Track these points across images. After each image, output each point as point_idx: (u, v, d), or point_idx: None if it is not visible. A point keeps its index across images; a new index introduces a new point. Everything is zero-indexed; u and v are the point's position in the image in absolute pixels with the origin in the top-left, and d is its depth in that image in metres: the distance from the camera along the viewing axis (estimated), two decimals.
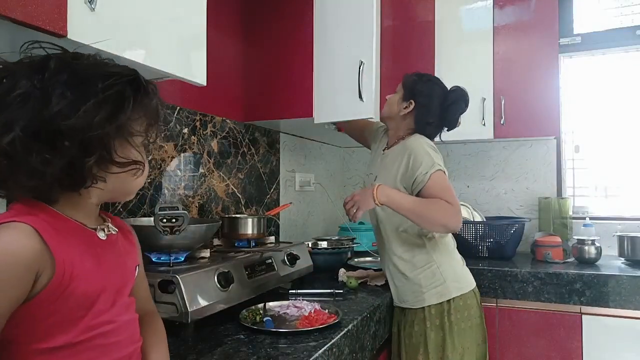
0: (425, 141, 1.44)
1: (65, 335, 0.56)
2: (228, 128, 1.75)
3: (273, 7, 1.77)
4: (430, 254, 1.43)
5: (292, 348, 0.97)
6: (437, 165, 1.36)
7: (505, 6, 2.28)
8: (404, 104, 1.47)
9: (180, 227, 1.03)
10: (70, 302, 0.56)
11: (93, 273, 0.59)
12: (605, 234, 2.18)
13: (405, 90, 1.48)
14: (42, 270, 0.54)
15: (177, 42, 1.04)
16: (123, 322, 0.65)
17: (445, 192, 1.34)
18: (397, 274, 1.46)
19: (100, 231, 0.64)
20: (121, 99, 0.58)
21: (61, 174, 0.55)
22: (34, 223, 0.54)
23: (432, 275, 1.41)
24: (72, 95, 0.54)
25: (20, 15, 0.69)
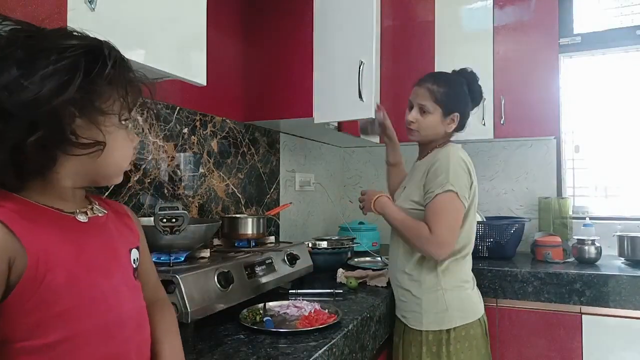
0: (457, 155, 1.32)
1: (58, 329, 0.53)
2: (228, 128, 1.75)
3: (273, 7, 1.77)
4: (439, 277, 1.33)
5: (292, 348, 0.97)
6: (449, 185, 1.25)
7: (505, 6, 2.28)
8: (447, 121, 1.38)
9: (180, 227, 1.03)
10: (54, 291, 0.53)
11: (74, 260, 0.56)
12: (605, 233, 2.17)
13: (443, 106, 1.36)
14: (14, 259, 0.51)
15: (177, 42, 1.04)
16: (127, 310, 0.61)
17: (437, 218, 1.25)
18: (401, 289, 1.40)
19: (80, 214, 0.60)
20: (72, 71, 0.52)
21: (14, 156, 0.51)
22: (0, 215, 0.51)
23: (435, 300, 1.32)
24: (19, 71, 0.50)
25: (20, 15, 0.69)
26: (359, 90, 1.55)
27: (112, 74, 0.56)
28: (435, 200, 1.26)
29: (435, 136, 1.40)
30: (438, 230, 1.24)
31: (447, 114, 1.37)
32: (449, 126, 1.38)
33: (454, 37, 2.34)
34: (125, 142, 0.61)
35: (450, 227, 1.26)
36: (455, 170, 1.27)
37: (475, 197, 1.34)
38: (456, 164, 1.29)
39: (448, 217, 1.25)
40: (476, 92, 1.41)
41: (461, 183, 1.27)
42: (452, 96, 1.36)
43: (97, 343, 0.57)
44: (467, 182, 1.29)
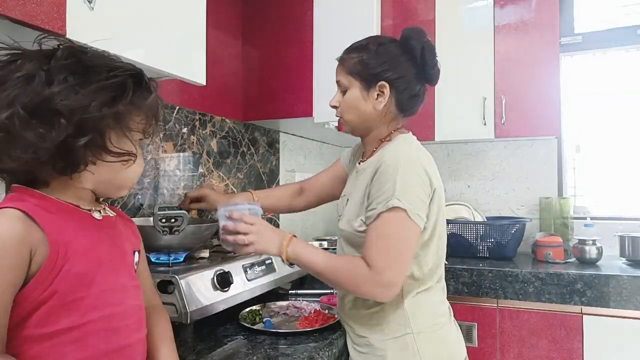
0: (408, 152, 0.99)
1: (69, 317, 0.57)
2: (227, 128, 1.75)
3: (273, 6, 1.77)
4: (407, 316, 0.98)
5: (292, 349, 0.97)
6: (394, 200, 0.91)
7: (506, 5, 2.28)
8: (373, 94, 1.02)
9: (179, 227, 1.03)
10: (69, 281, 0.57)
11: (89, 252, 0.60)
12: (606, 234, 2.17)
13: (359, 76, 1.03)
14: (36, 249, 0.55)
15: (176, 42, 1.03)
16: (130, 307, 0.65)
17: (378, 246, 0.92)
18: (355, 335, 1.03)
19: (95, 212, 0.65)
20: (121, 89, 0.60)
21: (55, 153, 0.56)
22: (22, 207, 0.56)
23: (404, 348, 0.97)
24: (74, 81, 0.57)
25: (19, 14, 0.68)
26: None
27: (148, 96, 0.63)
28: (376, 222, 0.93)
29: (364, 116, 1.05)
30: (379, 263, 0.91)
31: (370, 85, 1.02)
32: (377, 101, 1.02)
33: (454, 36, 2.33)
34: (140, 159, 0.67)
35: (395, 258, 0.92)
36: (404, 178, 0.93)
37: (440, 206, 1.01)
38: (406, 167, 0.94)
39: (392, 244, 0.92)
40: (418, 51, 1.01)
41: (412, 195, 0.93)
42: (371, 60, 1.02)
43: (102, 334, 0.60)
44: (422, 192, 0.95)
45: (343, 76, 1.06)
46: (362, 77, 1.03)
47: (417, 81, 1.04)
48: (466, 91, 2.27)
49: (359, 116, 1.06)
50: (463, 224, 2.21)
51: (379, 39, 1.07)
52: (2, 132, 0.55)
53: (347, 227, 1.02)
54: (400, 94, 1.03)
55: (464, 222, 2.23)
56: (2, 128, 0.55)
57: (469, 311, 1.95)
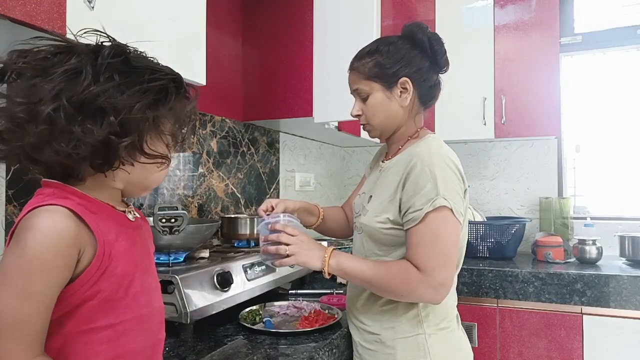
0: (442, 152, 0.97)
1: (107, 316, 0.58)
2: (227, 128, 1.75)
3: (273, 6, 1.77)
4: (420, 317, 0.97)
5: (292, 349, 0.97)
6: (440, 199, 0.90)
7: (506, 5, 2.28)
8: (396, 92, 1.01)
9: (179, 227, 1.02)
10: (112, 281, 0.58)
11: (128, 253, 0.61)
12: (606, 234, 2.17)
13: (379, 78, 1.02)
14: (84, 248, 0.56)
15: (176, 42, 1.03)
16: (156, 308, 0.66)
17: (429, 248, 0.90)
18: (365, 332, 1.02)
19: (128, 214, 0.66)
20: (164, 92, 0.61)
21: (96, 148, 0.57)
22: (70, 205, 0.56)
23: (415, 348, 0.96)
24: (120, 80, 0.58)
25: (19, 14, 0.69)
26: None
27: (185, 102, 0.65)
28: (424, 223, 0.90)
29: (393, 116, 1.03)
30: (432, 265, 0.89)
31: (391, 85, 1.01)
32: (402, 98, 1.02)
33: (454, 36, 2.33)
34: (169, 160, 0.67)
35: (446, 259, 0.91)
36: (445, 176, 0.92)
37: (467, 207, 1.01)
38: (444, 165, 0.94)
39: (444, 245, 0.90)
40: (426, 43, 1.02)
41: (454, 193, 0.92)
42: (386, 59, 1.01)
43: (132, 334, 0.61)
44: (460, 190, 0.95)
45: (361, 83, 1.04)
46: (382, 78, 1.02)
47: (432, 71, 1.04)
48: (466, 91, 2.27)
49: (387, 117, 1.04)
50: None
51: (387, 39, 1.06)
52: (46, 124, 0.55)
53: (372, 222, 0.99)
54: (421, 87, 1.03)
55: None
56: (47, 120, 0.54)
57: (469, 311, 1.95)
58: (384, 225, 0.97)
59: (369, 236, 1.02)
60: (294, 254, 0.94)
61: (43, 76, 0.55)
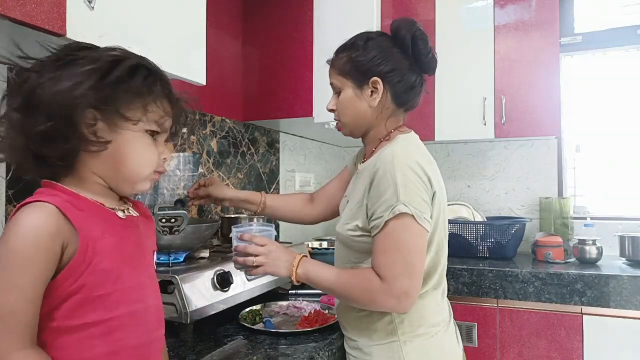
0: (406, 154, 0.93)
1: (96, 311, 0.59)
2: (227, 127, 1.74)
3: (273, 6, 1.77)
4: (395, 323, 0.94)
5: (292, 349, 0.97)
6: (400, 205, 0.87)
7: (506, 5, 2.28)
8: (367, 91, 0.98)
9: (179, 227, 1.02)
10: (97, 275, 0.59)
11: (115, 249, 0.62)
12: (606, 234, 2.17)
13: (350, 75, 0.99)
14: (67, 242, 0.57)
15: (176, 42, 1.03)
16: (151, 305, 0.67)
17: (390, 258, 0.88)
18: (349, 339, 1.02)
19: (119, 211, 0.66)
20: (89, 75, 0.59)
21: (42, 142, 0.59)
22: (55, 202, 0.58)
23: (389, 356, 0.94)
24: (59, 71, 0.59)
25: (19, 14, 0.68)
26: None
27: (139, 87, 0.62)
28: (385, 231, 0.88)
29: (361, 116, 1.01)
30: (390, 273, 0.87)
31: (362, 83, 0.98)
32: (371, 99, 0.99)
33: (454, 36, 2.33)
34: (145, 148, 0.65)
35: (407, 267, 0.87)
36: (405, 180, 0.88)
37: (441, 210, 0.96)
38: (406, 169, 0.89)
39: (406, 253, 0.88)
40: (413, 47, 0.97)
41: (416, 198, 0.88)
42: (359, 57, 0.98)
43: (127, 330, 0.62)
44: (424, 193, 0.90)
45: (335, 78, 1.02)
46: (353, 75, 0.99)
47: (412, 72, 0.99)
48: (466, 91, 2.27)
49: (355, 116, 1.01)
50: (463, 224, 2.21)
51: (367, 34, 1.02)
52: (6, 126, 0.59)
53: (342, 230, 0.99)
54: (395, 88, 0.98)
55: (464, 222, 2.23)
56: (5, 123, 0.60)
57: (469, 311, 1.95)
58: (354, 233, 0.96)
59: (343, 243, 1.01)
60: (261, 265, 0.94)
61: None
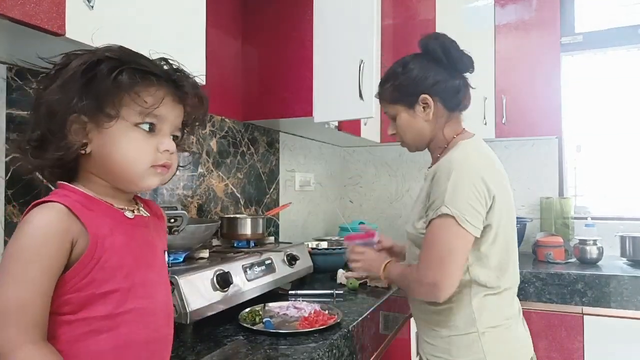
0: (464, 158, 1.01)
1: (104, 306, 0.60)
2: (227, 127, 1.74)
3: (273, 6, 1.76)
4: (474, 315, 1.01)
5: (292, 349, 0.97)
6: (444, 207, 0.95)
7: (507, 5, 2.27)
8: (419, 109, 1.09)
9: (179, 228, 1.02)
10: (106, 272, 0.60)
11: (124, 247, 0.63)
12: (607, 234, 2.17)
13: (400, 101, 1.11)
14: (77, 239, 0.59)
15: (176, 41, 1.03)
16: (160, 303, 0.67)
17: (426, 252, 0.98)
18: (429, 329, 1.09)
19: (127, 211, 0.68)
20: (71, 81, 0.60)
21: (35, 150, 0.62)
22: (65, 202, 0.60)
23: (468, 345, 1.01)
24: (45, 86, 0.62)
25: (18, 14, 0.68)
26: (359, 89, 1.54)
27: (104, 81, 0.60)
28: (428, 229, 0.99)
29: (420, 132, 1.12)
30: (423, 266, 0.98)
31: (412, 104, 1.09)
32: (425, 114, 1.09)
33: (455, 35, 2.29)
34: (132, 143, 0.63)
35: (440, 262, 0.96)
36: (455, 185, 0.95)
37: (504, 212, 1.02)
38: (458, 174, 0.96)
39: (439, 249, 0.96)
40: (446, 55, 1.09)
41: (462, 202, 0.95)
42: (400, 82, 1.10)
43: (134, 326, 0.63)
44: (474, 199, 0.96)
45: (387, 107, 1.15)
46: (402, 100, 1.11)
47: (452, 77, 1.10)
48: None
49: (416, 134, 1.13)
50: None
51: (402, 60, 1.14)
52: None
53: (410, 228, 1.09)
54: (443, 96, 1.09)
55: None
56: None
57: None
58: (420, 230, 1.04)
59: (412, 241, 1.11)
60: (358, 266, 1.20)
61: None
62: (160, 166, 0.65)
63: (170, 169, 0.68)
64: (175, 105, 0.67)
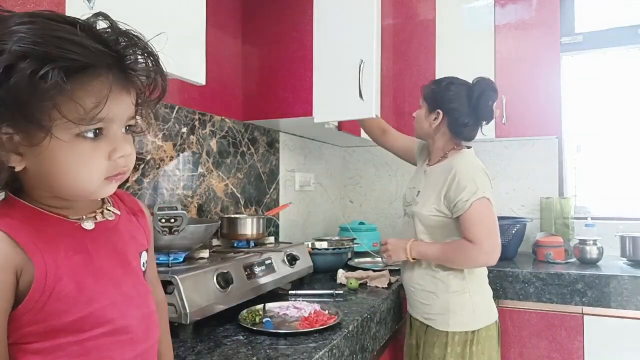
0: (473, 161, 1.38)
1: (70, 334, 0.53)
2: (227, 127, 1.74)
3: (273, 6, 1.76)
4: (466, 280, 1.37)
5: (291, 349, 0.97)
6: (480, 192, 1.28)
7: (507, 5, 2.27)
8: (432, 117, 1.43)
9: (179, 228, 1.02)
10: (64, 302, 0.53)
11: (82, 269, 0.55)
12: (607, 234, 2.16)
13: (427, 102, 1.45)
14: (21, 270, 0.51)
15: (176, 41, 1.02)
16: (135, 318, 0.60)
17: (478, 227, 1.28)
18: (424, 292, 1.40)
19: (86, 221, 0.58)
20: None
21: None
22: (4, 227, 0.51)
23: (462, 303, 1.35)
24: None
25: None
26: (359, 89, 1.54)
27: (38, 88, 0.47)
28: (471, 210, 1.28)
29: (422, 130, 1.48)
30: (483, 238, 1.27)
31: (431, 110, 1.44)
32: (433, 122, 1.44)
33: (455, 35, 2.33)
34: (80, 158, 0.52)
35: (493, 233, 1.29)
36: (481, 177, 1.32)
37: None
38: (478, 169, 1.34)
39: (487, 222, 1.28)
40: (477, 99, 1.39)
41: (488, 189, 1.31)
42: (437, 93, 1.43)
43: (105, 348, 0.57)
44: (489, 185, 1.34)
45: (422, 99, 1.49)
46: (429, 103, 1.46)
47: (467, 115, 1.41)
48: None
49: (420, 128, 1.50)
50: None
51: (453, 79, 1.45)
52: None
53: (424, 210, 1.39)
54: (451, 121, 1.42)
55: None
56: None
57: None
58: (429, 212, 1.38)
59: (420, 220, 1.42)
60: (388, 255, 1.44)
61: None
62: (115, 176, 0.55)
63: (127, 173, 0.57)
64: (124, 94, 0.54)
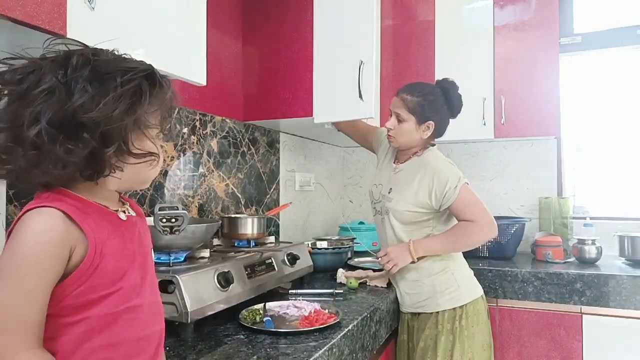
0: (440, 156, 1.48)
1: (100, 308, 0.61)
2: (228, 128, 1.75)
3: (273, 6, 1.77)
4: (445, 260, 1.45)
5: (292, 348, 0.97)
6: (462, 179, 1.38)
7: (506, 6, 2.28)
8: (423, 128, 1.46)
9: (180, 227, 1.02)
10: (104, 277, 0.61)
11: (120, 250, 0.64)
12: (605, 233, 2.17)
13: (416, 115, 1.45)
14: (74, 247, 0.59)
15: (176, 42, 1.03)
16: (149, 302, 0.68)
17: (472, 208, 1.38)
18: (411, 282, 1.47)
19: (120, 213, 0.68)
20: (138, 93, 0.61)
21: (83, 163, 0.59)
22: (62, 207, 0.59)
23: (446, 281, 1.43)
24: (93, 90, 0.58)
25: (19, 14, 0.69)
26: (359, 89, 1.55)
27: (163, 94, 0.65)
28: (461, 195, 1.37)
29: (412, 142, 1.48)
30: (481, 215, 1.38)
31: (421, 122, 1.45)
32: (424, 133, 1.46)
33: (454, 36, 2.34)
34: (160, 153, 0.68)
35: (486, 209, 1.40)
36: (453, 167, 1.44)
37: None
38: (447, 161, 1.46)
39: (478, 202, 1.40)
40: (454, 102, 1.47)
41: (462, 176, 1.41)
42: (426, 105, 1.44)
43: (126, 324, 0.64)
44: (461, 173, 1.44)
45: (403, 111, 1.45)
46: (418, 116, 1.45)
47: (447, 117, 1.49)
48: (466, 91, 2.25)
49: (409, 140, 1.48)
50: None
51: (433, 91, 1.46)
52: (33, 149, 0.56)
53: (398, 206, 1.45)
54: (438, 127, 1.47)
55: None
56: (32, 145, 0.56)
57: None
58: (405, 208, 1.44)
59: (394, 216, 1.46)
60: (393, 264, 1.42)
61: (21, 100, 0.57)
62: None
63: None
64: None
